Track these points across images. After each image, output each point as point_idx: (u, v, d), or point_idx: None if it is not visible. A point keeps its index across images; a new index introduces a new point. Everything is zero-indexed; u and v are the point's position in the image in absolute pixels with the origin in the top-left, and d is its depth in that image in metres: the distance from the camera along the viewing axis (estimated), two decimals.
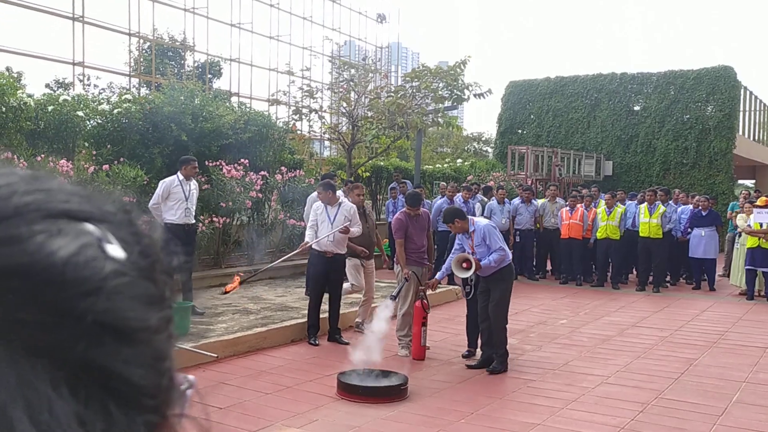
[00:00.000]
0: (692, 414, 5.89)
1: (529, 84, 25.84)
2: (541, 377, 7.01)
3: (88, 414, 0.39)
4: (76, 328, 0.40)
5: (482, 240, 7.10)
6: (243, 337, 7.57)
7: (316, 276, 8.10)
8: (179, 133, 10.80)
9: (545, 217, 14.02)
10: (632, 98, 24.00)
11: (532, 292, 12.50)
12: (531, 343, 8.44)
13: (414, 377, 6.67)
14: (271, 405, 5.86)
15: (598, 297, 12.18)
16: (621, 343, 8.58)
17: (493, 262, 7.03)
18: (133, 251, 0.46)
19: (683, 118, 22.95)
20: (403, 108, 13.67)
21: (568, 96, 24.81)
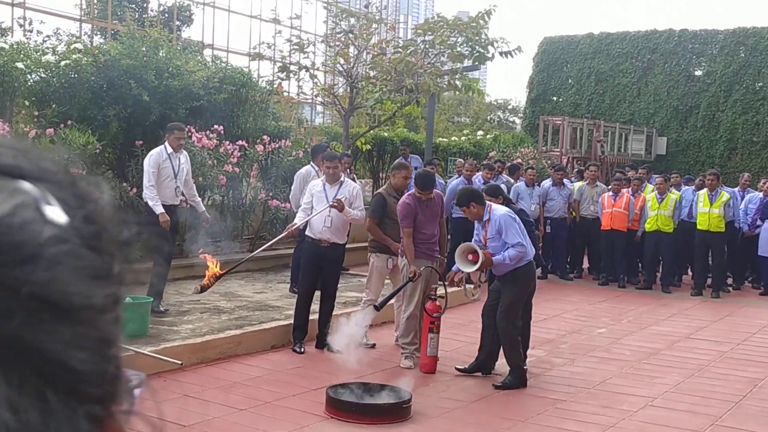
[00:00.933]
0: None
1: (567, 41, 25.76)
2: (572, 397, 7.03)
3: (22, 401, 0.40)
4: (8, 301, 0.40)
5: (497, 232, 7.10)
6: (213, 341, 7.59)
7: (307, 269, 8.11)
8: (140, 92, 10.78)
9: (583, 203, 14.02)
10: (693, 61, 23.92)
11: (564, 294, 12.51)
12: (561, 356, 8.45)
13: (420, 393, 6.69)
14: (245, 424, 5.89)
15: (645, 302, 12.19)
16: (671, 359, 8.58)
17: (509, 259, 7.02)
18: (76, 216, 0.46)
19: (755, 87, 22.88)
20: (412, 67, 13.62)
21: (615, 57, 24.73)
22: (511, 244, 7.03)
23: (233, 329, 8.05)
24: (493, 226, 7.12)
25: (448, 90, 15.40)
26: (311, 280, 8.08)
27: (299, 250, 10.13)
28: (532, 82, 26.28)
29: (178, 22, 24.19)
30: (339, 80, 15.80)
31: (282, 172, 12.37)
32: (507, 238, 7.05)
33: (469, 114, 39.04)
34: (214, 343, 7.57)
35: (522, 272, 7.16)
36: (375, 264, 8.18)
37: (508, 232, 7.06)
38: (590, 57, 25.13)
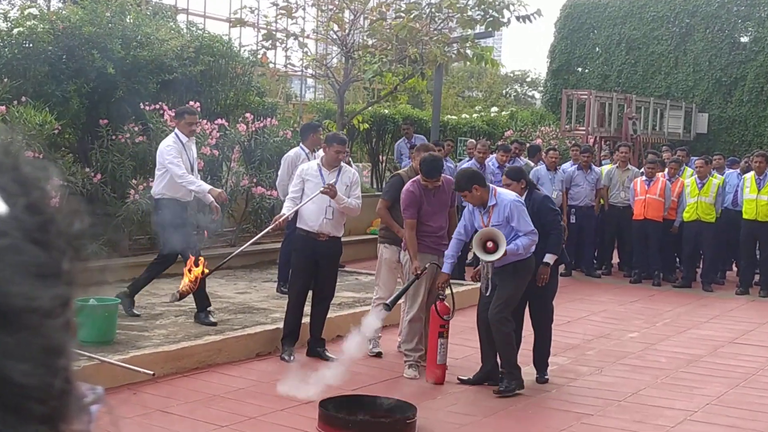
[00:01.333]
0: None
1: (594, 4, 25.70)
2: (601, 411, 7.04)
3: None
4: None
5: (505, 220, 7.16)
6: (189, 348, 7.60)
7: (301, 267, 8.10)
8: (104, 64, 10.76)
9: (612, 190, 14.02)
10: (738, 26, 23.87)
11: (591, 293, 12.52)
12: (588, 364, 8.46)
13: (426, 407, 6.70)
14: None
15: (683, 302, 12.20)
16: (713, 367, 8.60)
17: (523, 249, 7.10)
18: (17, 204, 0.45)
19: None
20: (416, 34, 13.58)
21: (648, 21, 24.68)
22: (525, 231, 7.11)
23: (212, 335, 8.05)
24: (500, 212, 7.17)
25: (458, 60, 15.35)
26: (305, 280, 8.06)
27: (288, 245, 10.14)
28: (554, 51, 26.22)
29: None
30: (332, 49, 15.77)
31: (267, 154, 12.35)
32: (519, 225, 7.12)
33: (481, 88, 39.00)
34: (190, 351, 7.58)
35: (523, 265, 7.26)
36: (384, 256, 8.18)
37: (520, 218, 7.13)
38: (620, 22, 25.07)
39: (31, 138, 9.53)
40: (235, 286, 10.47)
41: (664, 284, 13.43)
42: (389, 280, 8.21)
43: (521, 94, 40.80)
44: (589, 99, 20.45)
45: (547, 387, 7.60)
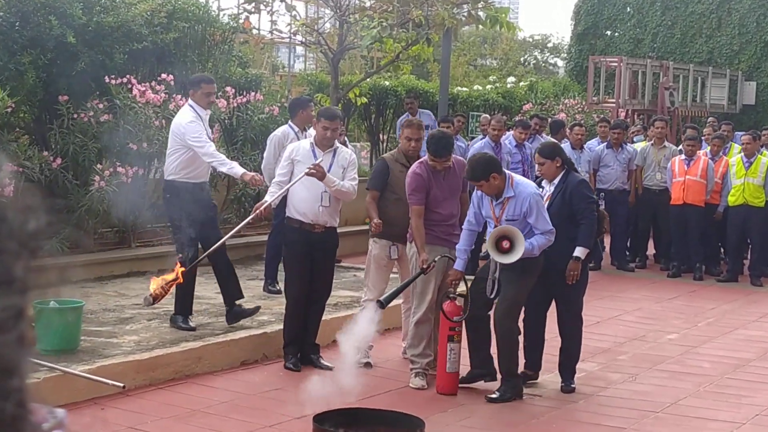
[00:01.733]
0: None
1: None
2: (635, 424, 7.05)
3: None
4: None
5: (521, 214, 7.21)
6: (165, 356, 7.61)
7: (297, 263, 8.09)
8: (63, 32, 10.74)
9: (647, 171, 14.01)
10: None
11: (623, 289, 12.52)
12: (621, 371, 8.46)
13: (435, 422, 6.72)
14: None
15: (729, 298, 12.21)
16: (763, 372, 8.62)
17: (537, 249, 7.19)
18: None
19: None
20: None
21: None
22: (542, 230, 7.18)
23: (191, 341, 8.06)
24: (518, 205, 7.23)
25: (469, 24, 15.32)
26: (303, 278, 8.06)
27: (276, 237, 10.14)
28: (579, 12, 26.17)
29: None
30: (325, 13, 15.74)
31: (251, 134, 12.34)
32: (537, 223, 7.19)
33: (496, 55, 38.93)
34: (166, 360, 7.59)
35: (532, 262, 7.29)
36: (373, 252, 8.17)
37: (539, 215, 7.21)
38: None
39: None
40: (215, 286, 10.44)
41: (706, 278, 13.43)
42: (378, 280, 8.19)
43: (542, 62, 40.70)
44: (619, 67, 20.41)
45: (573, 397, 7.60)
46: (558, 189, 7.66)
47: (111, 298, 9.66)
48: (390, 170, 8.03)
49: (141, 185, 11.37)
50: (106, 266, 10.79)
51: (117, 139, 10.90)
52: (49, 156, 10.56)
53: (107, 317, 8.81)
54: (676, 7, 24.70)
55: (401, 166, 8.04)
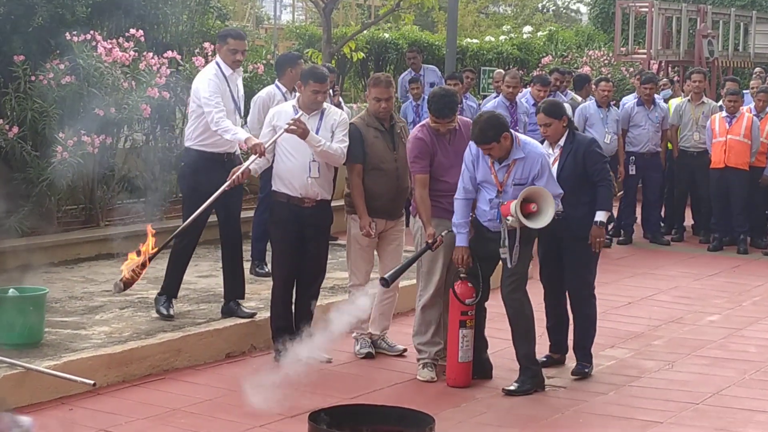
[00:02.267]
0: None
1: None
2: (672, 417, 7.07)
3: None
4: None
5: (529, 177, 7.30)
6: (140, 349, 7.63)
7: (285, 242, 8.09)
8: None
9: (683, 130, 14.00)
10: None
11: (657, 265, 12.52)
12: (655, 357, 8.49)
13: (447, 418, 6.74)
14: None
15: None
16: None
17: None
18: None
19: None
20: None
21: None
22: (554, 194, 7.25)
23: (169, 331, 8.08)
24: (527, 168, 7.32)
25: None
26: (292, 259, 8.07)
27: (262, 212, 10.15)
28: None
29: None
30: None
31: None
32: (548, 185, 7.28)
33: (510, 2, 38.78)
34: (141, 353, 7.61)
35: (531, 231, 7.35)
36: (353, 231, 8.16)
37: (550, 178, 7.36)
38: None
39: None
40: (196, 268, 10.45)
41: (752, 251, 13.46)
42: (362, 262, 8.22)
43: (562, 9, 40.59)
44: (650, 12, 20.36)
45: (603, 388, 7.62)
46: (567, 151, 7.69)
47: (78, 284, 9.67)
48: (363, 137, 7.95)
49: (109, 156, 11.37)
50: (71, 248, 10.79)
51: (81, 104, 10.89)
52: (5, 124, 10.55)
53: (74, 306, 8.82)
54: None
55: (375, 131, 8.00)
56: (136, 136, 11.95)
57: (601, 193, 7.68)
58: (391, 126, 8.07)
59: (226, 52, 8.53)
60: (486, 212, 7.45)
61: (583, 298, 7.88)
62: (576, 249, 7.67)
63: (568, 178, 7.57)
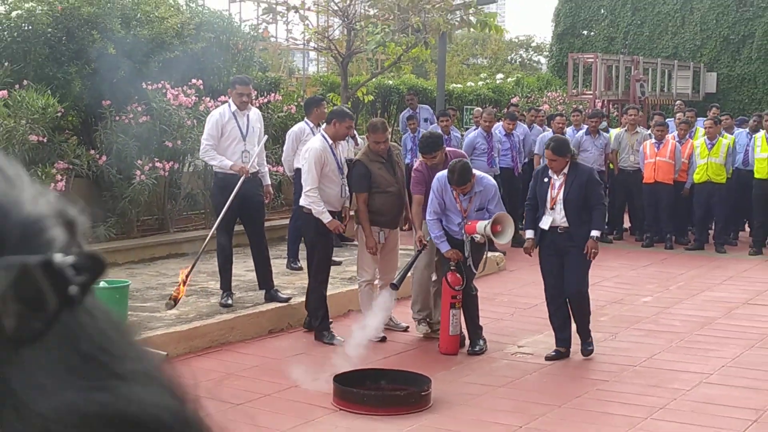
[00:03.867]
0: None
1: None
2: (616, 377, 7.07)
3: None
4: None
5: (485, 203, 7.54)
6: (202, 327, 7.64)
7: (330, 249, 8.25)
8: (104, 45, 10.73)
9: (621, 153, 13.98)
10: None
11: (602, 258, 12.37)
12: (601, 330, 8.46)
13: (440, 379, 6.73)
14: (242, 420, 5.94)
15: (696, 264, 12.19)
16: (727, 329, 8.60)
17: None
18: None
19: None
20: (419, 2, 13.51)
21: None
22: (494, 212, 7.49)
23: (224, 313, 8.09)
24: (484, 197, 7.55)
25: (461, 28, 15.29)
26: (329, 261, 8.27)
27: (296, 220, 10.15)
28: (559, 15, 26.05)
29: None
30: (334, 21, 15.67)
31: (272, 130, 12.34)
32: (496, 207, 7.56)
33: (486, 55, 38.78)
34: (203, 330, 7.63)
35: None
36: (362, 238, 8.16)
37: (499, 202, 7.66)
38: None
39: (34, 122, 9.55)
40: (244, 264, 10.44)
41: (676, 247, 13.42)
42: (370, 262, 8.16)
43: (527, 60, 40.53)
44: (595, 62, 20.35)
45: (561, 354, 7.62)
46: (571, 178, 7.43)
47: (153, 277, 9.69)
48: (370, 170, 7.95)
49: (176, 177, 11.41)
50: (147, 250, 10.82)
51: (154, 137, 10.92)
52: (96, 154, 10.58)
53: (150, 294, 8.84)
54: (644, 7, 24.59)
55: (378, 163, 8.00)
56: (197, 163, 11.96)
57: (596, 215, 7.50)
58: (389, 155, 8.11)
59: (235, 95, 8.47)
60: (456, 231, 7.59)
61: (582, 294, 7.60)
62: (578, 256, 7.44)
63: (573, 201, 7.39)
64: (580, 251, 7.43)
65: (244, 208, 8.29)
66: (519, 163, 13.50)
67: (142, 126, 10.82)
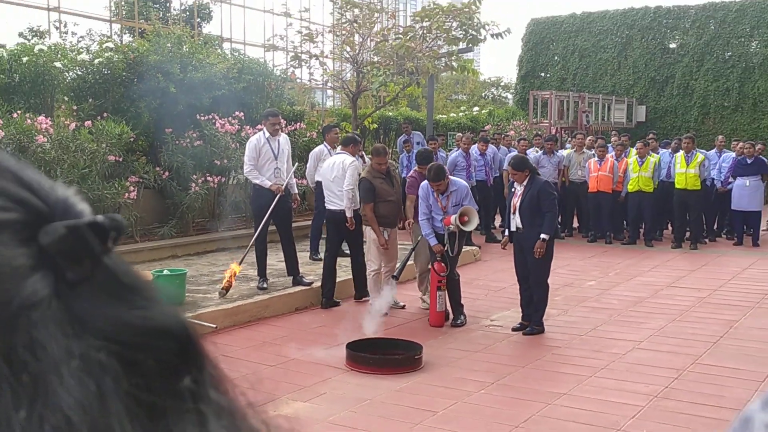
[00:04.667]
0: (732, 380, 5.94)
1: (552, 21, 25.47)
2: (567, 343, 7.07)
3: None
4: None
5: (461, 200, 7.51)
6: (243, 306, 7.65)
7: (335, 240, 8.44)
8: (167, 85, 10.76)
9: (571, 169, 13.96)
10: (667, 35, 23.64)
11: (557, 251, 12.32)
12: (556, 307, 8.47)
13: (429, 345, 6.73)
14: (275, 378, 5.95)
15: (630, 256, 12.18)
16: (654, 306, 8.60)
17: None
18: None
19: (724, 56, 22.62)
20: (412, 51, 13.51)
21: (596, 34, 24.46)
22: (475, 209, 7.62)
23: (260, 295, 8.10)
24: (459, 195, 7.52)
25: (446, 71, 15.28)
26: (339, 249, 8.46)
27: (317, 221, 10.17)
28: (522, 61, 26.03)
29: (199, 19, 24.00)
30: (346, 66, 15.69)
31: (298, 151, 12.37)
32: (471, 203, 7.56)
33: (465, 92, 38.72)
34: (244, 308, 7.64)
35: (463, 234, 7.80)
36: (371, 237, 8.16)
37: (471, 199, 7.64)
38: (574, 35, 24.86)
39: (112, 146, 9.57)
40: (276, 256, 10.44)
41: (614, 242, 13.41)
42: (378, 255, 8.13)
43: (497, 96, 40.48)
44: (550, 98, 20.33)
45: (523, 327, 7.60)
46: (527, 189, 7.32)
47: (205, 267, 9.69)
48: (374, 185, 7.96)
49: (223, 188, 11.42)
50: (200, 245, 10.83)
51: (206, 157, 10.94)
52: (161, 170, 10.60)
53: (203, 280, 8.85)
54: (588, 55, 24.57)
55: (380, 179, 8.02)
56: (239, 177, 11.98)
57: (547, 219, 7.30)
58: (387, 172, 8.11)
59: (269, 125, 8.45)
60: (440, 228, 7.58)
61: (540, 283, 7.47)
62: (532, 254, 7.30)
63: (527, 208, 7.28)
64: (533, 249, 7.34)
65: (276, 212, 8.31)
66: (491, 176, 13.50)
67: (196, 148, 10.85)
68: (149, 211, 10.53)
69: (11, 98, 9.76)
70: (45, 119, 8.99)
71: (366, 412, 5.26)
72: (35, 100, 10.03)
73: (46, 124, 8.91)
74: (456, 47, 14.51)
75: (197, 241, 10.84)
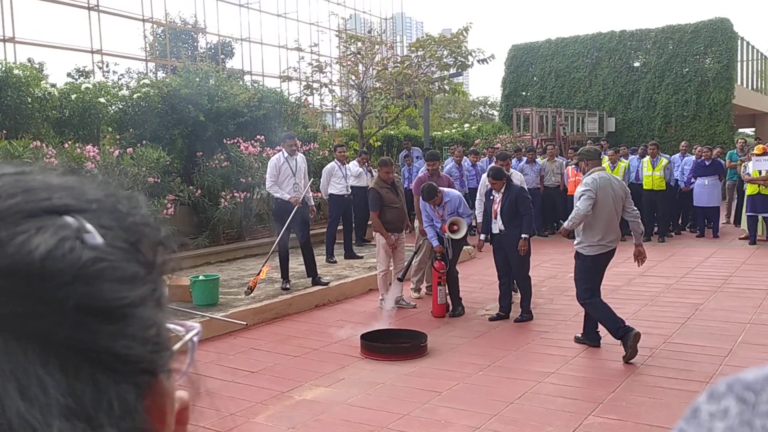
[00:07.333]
0: (699, 356, 5.92)
1: (530, 47, 25.48)
2: (553, 328, 7.05)
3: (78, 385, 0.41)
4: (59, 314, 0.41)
5: (455, 209, 7.51)
6: (270, 304, 7.65)
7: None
8: (197, 114, 10.80)
9: (546, 176, 13.93)
10: (632, 55, 23.62)
11: (541, 248, 12.47)
12: (543, 297, 8.46)
13: (433, 334, 6.73)
14: (299, 367, 5.95)
15: None
16: (629, 292, 8.58)
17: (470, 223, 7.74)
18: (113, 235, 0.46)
19: (682, 72, 22.60)
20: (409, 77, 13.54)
21: (569, 56, 24.46)
22: (467, 214, 7.58)
23: (284, 294, 8.09)
24: (453, 205, 7.50)
25: (439, 93, 15.30)
26: None
27: (332, 228, 10.17)
28: (505, 82, 26.04)
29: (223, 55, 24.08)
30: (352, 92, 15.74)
31: (312, 168, 12.39)
32: (465, 211, 7.56)
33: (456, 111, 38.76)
34: (271, 306, 7.64)
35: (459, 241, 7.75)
36: (381, 242, 8.11)
37: (465, 208, 7.63)
38: (550, 58, 24.86)
39: (151, 169, 9.60)
40: (298, 260, 10.44)
41: None
42: (386, 257, 8.08)
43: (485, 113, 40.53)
44: (531, 114, 20.33)
45: (515, 314, 7.58)
46: (505, 195, 7.32)
47: (235, 272, 9.70)
48: (380, 194, 7.92)
49: (249, 203, 11.44)
50: (231, 253, 10.84)
51: (233, 176, 10.96)
52: (193, 189, 10.62)
53: (233, 283, 8.84)
54: (563, 75, 24.57)
55: (386, 189, 7.97)
56: (262, 192, 11.99)
57: (525, 221, 7.30)
58: (392, 183, 8.09)
59: (286, 146, 8.42)
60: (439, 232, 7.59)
61: (523, 276, 7.48)
62: (515, 252, 7.31)
63: (507, 212, 7.27)
64: (515, 247, 7.30)
65: (295, 221, 8.30)
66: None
67: (224, 168, 10.88)
68: (185, 224, 10.55)
69: (63, 130, 9.84)
70: (92, 148, 9.04)
71: (379, 394, 5.26)
72: (83, 132, 10.09)
73: (94, 152, 8.96)
74: (447, 72, 14.53)
75: (227, 249, 10.85)
